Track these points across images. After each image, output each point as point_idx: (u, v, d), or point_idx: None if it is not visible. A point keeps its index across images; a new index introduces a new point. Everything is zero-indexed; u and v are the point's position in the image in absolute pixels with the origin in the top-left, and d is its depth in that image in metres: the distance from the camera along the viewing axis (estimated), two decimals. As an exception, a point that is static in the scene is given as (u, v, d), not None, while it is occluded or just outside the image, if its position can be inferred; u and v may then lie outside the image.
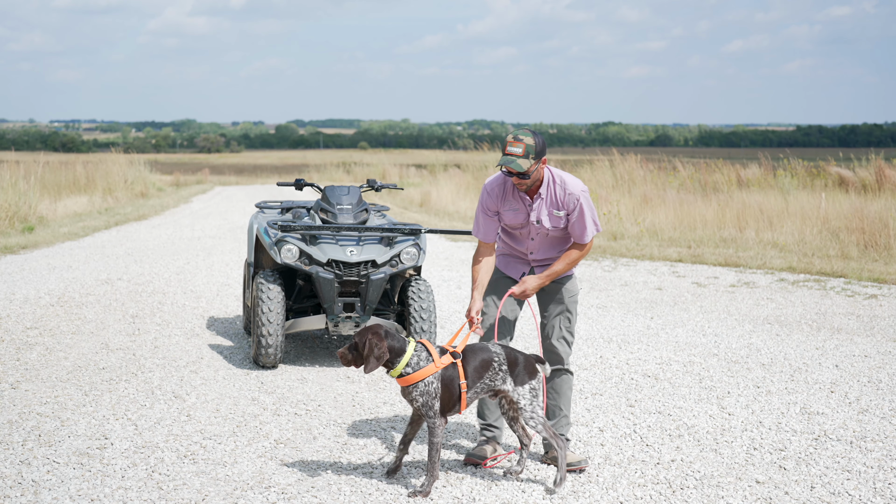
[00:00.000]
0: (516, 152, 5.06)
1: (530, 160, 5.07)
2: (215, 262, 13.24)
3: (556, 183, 5.24)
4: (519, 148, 5.06)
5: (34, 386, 6.75)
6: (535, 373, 4.99)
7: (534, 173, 5.14)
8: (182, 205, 25.03)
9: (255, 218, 8.34)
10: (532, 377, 4.97)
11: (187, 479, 5.03)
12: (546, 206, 5.26)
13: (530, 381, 4.97)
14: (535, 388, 4.97)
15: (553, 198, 5.25)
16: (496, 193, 5.32)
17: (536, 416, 4.96)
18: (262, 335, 7.22)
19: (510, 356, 4.99)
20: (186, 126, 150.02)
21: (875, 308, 10.04)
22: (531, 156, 5.07)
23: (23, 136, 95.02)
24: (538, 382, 4.99)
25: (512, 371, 4.96)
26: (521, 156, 5.06)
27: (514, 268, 5.49)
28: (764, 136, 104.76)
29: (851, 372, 7.40)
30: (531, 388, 4.97)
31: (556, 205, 5.25)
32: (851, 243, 13.95)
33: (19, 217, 16.84)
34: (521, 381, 4.96)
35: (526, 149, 5.06)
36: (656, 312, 9.87)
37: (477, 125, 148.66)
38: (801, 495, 4.92)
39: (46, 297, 10.14)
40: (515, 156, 5.06)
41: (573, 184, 5.25)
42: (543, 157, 5.13)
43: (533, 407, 4.96)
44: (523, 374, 4.96)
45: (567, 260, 5.29)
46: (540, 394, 4.98)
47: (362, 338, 4.87)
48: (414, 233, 7.46)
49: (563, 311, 5.42)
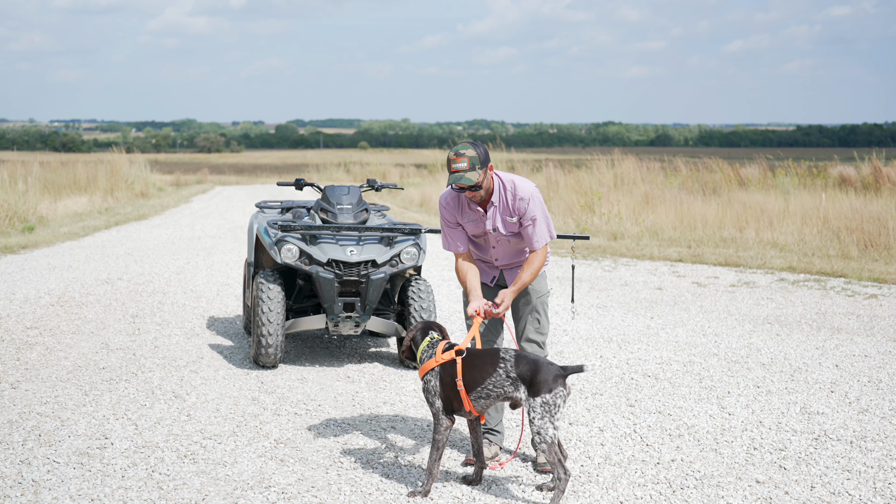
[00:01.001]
0: (462, 167, 5.10)
1: (478, 171, 5.10)
2: (215, 262, 13.24)
3: (507, 189, 5.26)
4: (463, 163, 5.09)
5: (34, 386, 6.75)
6: (553, 387, 4.65)
7: (484, 183, 5.17)
8: (182, 205, 25.03)
9: (256, 218, 8.34)
10: (549, 391, 4.65)
11: (187, 478, 5.03)
12: (500, 212, 5.29)
13: (545, 394, 4.65)
14: (550, 403, 4.64)
15: (505, 204, 5.27)
16: (452, 206, 5.37)
17: (543, 434, 4.63)
18: (262, 335, 7.22)
19: (529, 365, 4.73)
20: (186, 126, 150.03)
21: (875, 308, 10.04)
22: (477, 167, 5.10)
23: (23, 135, 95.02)
24: (555, 398, 4.65)
25: (526, 380, 4.70)
26: (467, 169, 5.10)
27: (485, 273, 5.53)
28: (764, 136, 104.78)
29: (851, 372, 7.40)
30: (543, 403, 4.64)
31: (508, 211, 5.27)
32: (851, 243, 13.96)
33: (19, 217, 16.84)
34: (535, 392, 4.67)
35: (470, 161, 5.09)
36: (656, 312, 9.87)
37: (477, 125, 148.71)
38: (801, 495, 4.92)
39: (46, 296, 10.14)
40: (462, 171, 5.10)
41: (523, 187, 5.24)
42: (489, 164, 5.15)
43: (542, 423, 4.63)
44: (540, 386, 4.66)
45: (531, 268, 5.25)
46: (557, 411, 4.65)
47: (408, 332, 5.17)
48: (414, 233, 7.46)
49: (532, 312, 5.42)
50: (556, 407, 4.64)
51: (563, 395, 4.68)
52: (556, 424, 4.64)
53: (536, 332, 5.44)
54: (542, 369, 4.69)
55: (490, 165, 5.17)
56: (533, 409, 4.66)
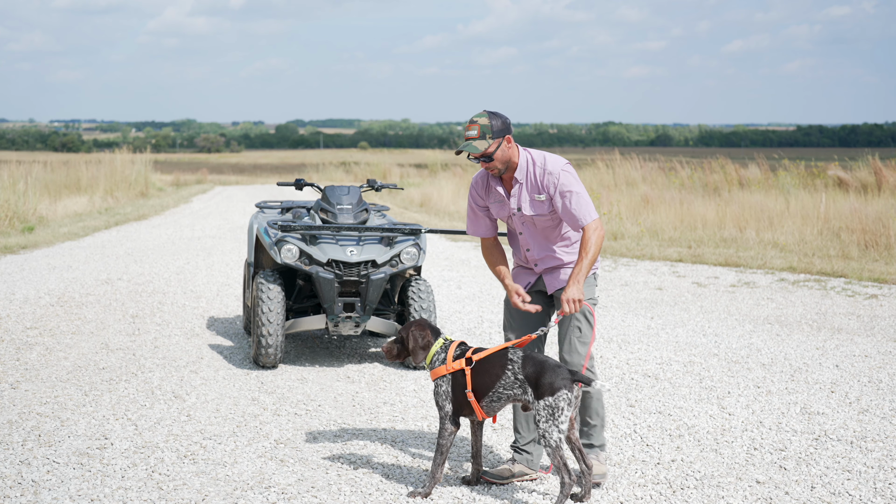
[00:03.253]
0: (472, 135, 4.90)
1: (487, 140, 4.87)
2: (215, 262, 13.23)
3: (536, 164, 4.96)
4: (474, 130, 4.90)
5: (34, 386, 6.75)
6: (557, 390, 4.56)
7: (498, 154, 4.90)
8: (182, 205, 25.03)
9: (255, 218, 8.33)
10: (552, 393, 4.56)
11: (187, 479, 5.03)
12: (526, 191, 4.98)
13: (548, 397, 4.56)
14: (555, 407, 4.55)
15: (532, 181, 4.96)
16: (480, 186, 5.12)
17: (547, 438, 4.55)
18: (262, 335, 7.22)
19: (535, 366, 4.66)
20: (186, 126, 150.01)
21: (875, 308, 10.04)
22: (488, 136, 4.87)
23: (23, 135, 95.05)
24: (557, 401, 4.55)
25: (532, 382, 4.67)
26: (476, 137, 4.89)
27: (521, 278, 5.18)
28: (764, 136, 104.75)
29: (852, 372, 7.40)
30: (546, 406, 4.56)
31: (536, 188, 4.95)
32: (852, 243, 13.95)
33: (19, 217, 16.83)
34: (539, 394, 4.59)
35: (481, 129, 4.89)
36: (656, 312, 9.86)
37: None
38: (801, 495, 4.92)
39: (46, 297, 10.13)
40: (471, 139, 4.90)
41: (553, 161, 4.95)
42: (507, 136, 4.90)
43: (547, 426, 4.55)
44: (544, 389, 4.58)
45: (587, 252, 4.82)
46: (562, 414, 4.56)
47: (406, 331, 4.92)
48: (414, 233, 7.46)
49: (573, 320, 5.01)
50: (559, 410, 4.56)
51: (568, 398, 4.58)
52: (562, 428, 4.56)
53: (579, 342, 5.00)
54: (546, 372, 4.62)
55: (508, 137, 4.90)
56: (538, 411, 4.61)
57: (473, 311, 9.82)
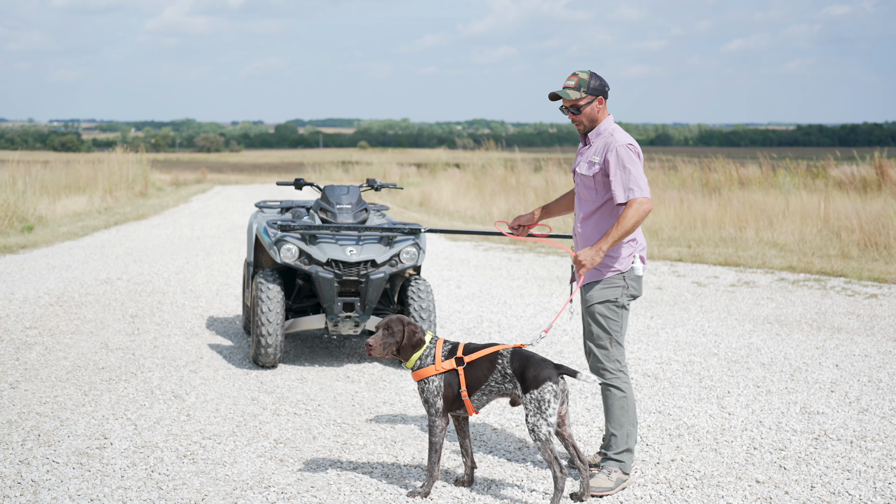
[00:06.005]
0: (569, 84, 5.07)
1: (581, 92, 5.02)
2: (215, 262, 13.23)
3: (609, 133, 5.08)
4: (572, 81, 5.07)
5: (34, 386, 6.75)
6: (541, 383, 4.62)
7: (587, 109, 5.06)
8: (181, 204, 25.02)
9: (255, 217, 8.33)
10: (536, 387, 4.62)
11: (187, 478, 5.03)
12: (591, 153, 5.09)
13: (533, 390, 4.63)
14: (540, 399, 4.60)
15: (598, 145, 5.08)
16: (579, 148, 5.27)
17: (536, 432, 4.60)
18: (261, 335, 7.21)
19: (521, 361, 4.72)
20: (186, 125, 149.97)
21: (875, 307, 10.04)
22: (582, 89, 5.03)
23: (22, 135, 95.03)
24: (542, 393, 4.61)
25: (518, 376, 4.70)
26: (572, 87, 5.05)
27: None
28: (764, 136, 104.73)
29: (851, 371, 7.39)
30: (532, 399, 4.62)
31: (597, 151, 5.07)
32: (851, 243, 13.95)
33: (18, 217, 16.82)
34: (525, 388, 4.66)
35: (578, 81, 5.05)
36: (656, 312, 9.86)
37: (477, 124, 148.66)
38: (801, 495, 4.91)
39: (46, 296, 10.13)
40: (567, 88, 5.06)
41: (621, 136, 5.05)
42: (600, 97, 5.05)
43: (535, 420, 4.60)
44: (529, 382, 4.65)
45: (619, 223, 4.89)
46: (549, 407, 4.61)
47: (397, 326, 4.85)
48: (413, 232, 7.45)
49: (586, 322, 5.08)
50: (545, 403, 4.61)
51: (553, 390, 4.62)
52: (550, 421, 4.60)
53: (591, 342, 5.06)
54: (531, 366, 4.69)
55: (601, 98, 5.05)
56: (525, 405, 4.67)
57: (473, 311, 9.81)
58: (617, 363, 5.03)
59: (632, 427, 5.02)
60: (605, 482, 4.90)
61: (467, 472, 5.00)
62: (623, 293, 5.01)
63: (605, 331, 5.02)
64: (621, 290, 5.00)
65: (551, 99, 5.12)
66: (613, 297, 5.03)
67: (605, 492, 4.87)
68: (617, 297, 5.02)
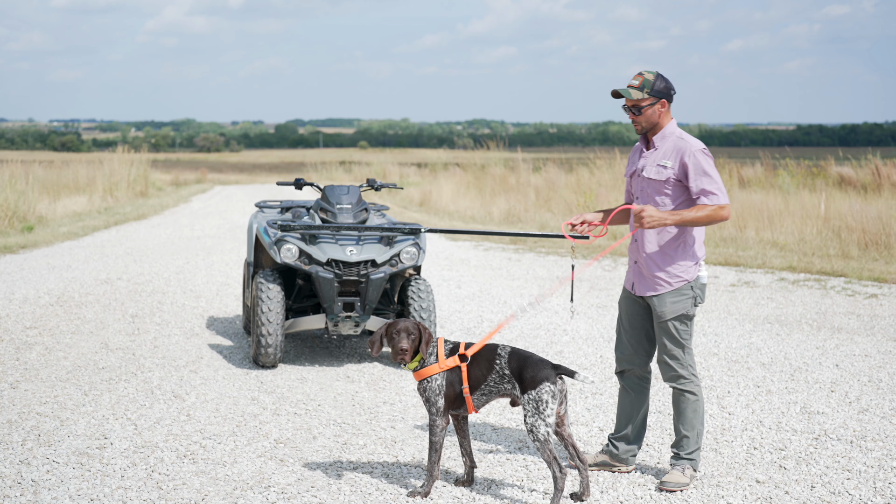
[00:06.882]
0: (633, 84, 5.01)
1: (643, 93, 4.96)
2: (215, 262, 13.23)
3: (677, 136, 5.03)
4: (637, 80, 5.01)
5: (34, 386, 6.75)
6: (539, 383, 4.63)
7: (647, 111, 4.99)
8: (182, 204, 25.03)
9: (255, 217, 8.33)
10: (534, 387, 4.64)
11: (187, 478, 5.03)
12: (658, 157, 5.03)
13: (531, 391, 4.64)
14: (538, 400, 4.61)
15: (668, 148, 5.02)
16: (634, 150, 5.23)
17: (535, 432, 4.60)
18: (261, 335, 7.21)
19: (519, 361, 4.73)
20: (186, 125, 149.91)
21: (875, 307, 10.04)
22: (646, 90, 4.96)
23: (22, 135, 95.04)
24: (540, 393, 4.62)
25: (516, 376, 4.71)
26: (636, 87, 4.99)
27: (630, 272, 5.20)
28: (764, 136, 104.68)
29: (852, 371, 7.39)
30: (529, 399, 4.63)
31: (666, 155, 5.01)
32: (852, 242, 13.95)
33: (18, 217, 16.82)
34: (523, 388, 4.67)
35: (643, 82, 4.99)
36: (656, 312, 9.85)
37: (477, 124, 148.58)
38: (801, 495, 4.92)
39: (46, 296, 10.13)
40: (632, 87, 5.01)
41: (693, 140, 5.01)
42: (663, 100, 4.99)
43: (533, 420, 4.61)
44: (527, 383, 4.67)
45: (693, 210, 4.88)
46: (546, 407, 4.62)
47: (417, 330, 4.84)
48: (413, 232, 7.45)
49: (660, 335, 5.09)
50: (543, 403, 4.62)
51: (551, 391, 4.63)
52: (549, 422, 4.61)
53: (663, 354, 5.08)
54: (529, 366, 4.70)
55: (664, 101, 4.99)
56: (524, 406, 4.68)
57: (473, 311, 9.82)
58: (690, 368, 5.10)
59: (701, 427, 5.13)
60: (682, 478, 5.00)
61: (467, 472, 5.00)
62: (692, 303, 5.04)
63: (679, 343, 5.07)
64: (691, 301, 5.03)
65: (614, 96, 5.07)
66: (685, 309, 5.05)
67: (682, 486, 4.98)
68: (687, 310, 5.05)
